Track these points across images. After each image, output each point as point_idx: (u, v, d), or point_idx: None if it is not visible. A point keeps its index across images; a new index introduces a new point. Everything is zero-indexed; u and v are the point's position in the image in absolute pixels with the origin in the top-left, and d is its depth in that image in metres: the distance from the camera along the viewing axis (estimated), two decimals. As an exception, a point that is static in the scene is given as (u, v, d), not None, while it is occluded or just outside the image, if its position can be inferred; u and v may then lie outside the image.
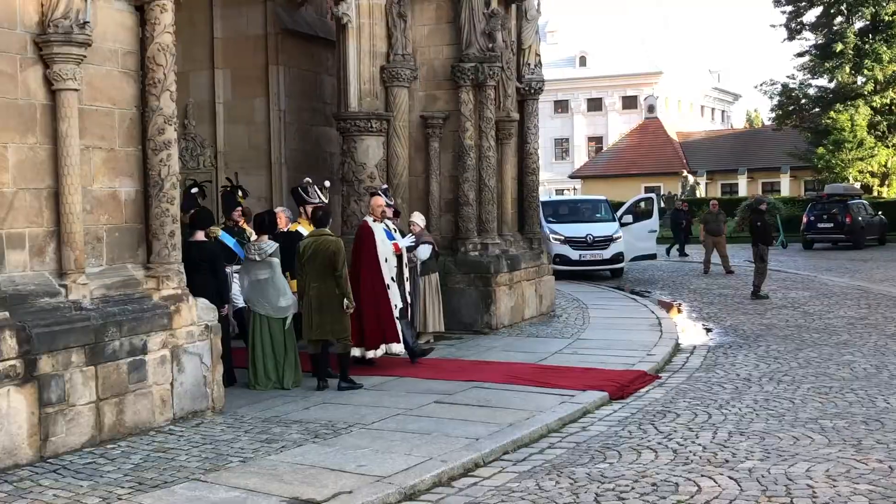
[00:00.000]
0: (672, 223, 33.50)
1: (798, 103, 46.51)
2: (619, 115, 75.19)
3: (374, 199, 12.02)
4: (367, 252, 11.42)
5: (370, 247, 11.41)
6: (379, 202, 11.87)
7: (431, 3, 14.81)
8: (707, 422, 8.66)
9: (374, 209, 11.84)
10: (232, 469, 7.17)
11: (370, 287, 11.29)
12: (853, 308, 16.79)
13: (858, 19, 44.47)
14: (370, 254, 11.39)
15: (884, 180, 44.40)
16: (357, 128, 14.11)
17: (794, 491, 6.43)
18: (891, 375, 10.57)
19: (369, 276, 11.32)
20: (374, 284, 11.32)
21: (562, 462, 7.50)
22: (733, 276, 23.76)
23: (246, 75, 15.46)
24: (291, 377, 10.39)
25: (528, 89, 16.52)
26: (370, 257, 11.37)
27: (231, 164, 15.59)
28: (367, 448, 7.70)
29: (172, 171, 8.81)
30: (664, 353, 12.50)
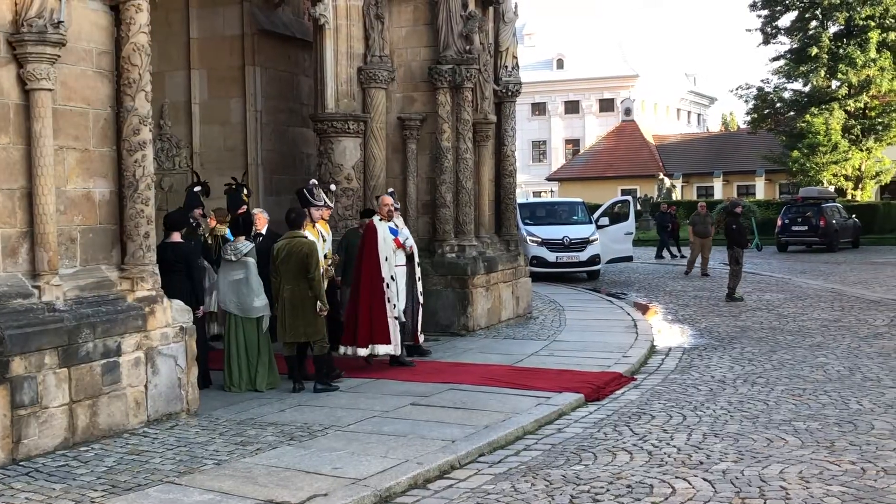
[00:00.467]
0: (657, 226, 33.62)
1: (773, 107, 46.81)
2: (595, 117, 75.50)
3: (382, 198, 12.06)
4: (368, 251, 11.43)
5: (371, 246, 11.42)
6: (387, 201, 11.87)
7: (409, 5, 14.80)
8: (682, 423, 8.70)
9: (380, 208, 11.84)
10: (206, 471, 7.13)
11: (368, 285, 11.30)
12: (827, 310, 16.92)
13: (833, 24, 44.82)
14: (371, 253, 11.39)
15: (857, 184, 44.78)
16: (334, 129, 14.09)
17: (768, 492, 6.47)
18: (864, 377, 10.66)
19: (368, 275, 11.33)
20: (372, 283, 11.31)
21: (537, 464, 7.51)
22: (708, 278, 23.88)
23: (222, 76, 15.41)
24: (265, 379, 10.34)
25: (506, 91, 16.55)
26: (371, 256, 11.38)
27: (207, 165, 15.53)
28: (343, 450, 7.68)
29: (147, 172, 8.76)
30: (640, 354, 12.55)
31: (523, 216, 23.40)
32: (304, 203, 11.30)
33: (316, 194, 11.40)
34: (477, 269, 14.68)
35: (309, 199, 11.25)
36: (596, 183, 57.60)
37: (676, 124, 79.49)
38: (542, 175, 69.19)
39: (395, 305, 11.43)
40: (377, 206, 12.11)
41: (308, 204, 11.23)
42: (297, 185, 15.75)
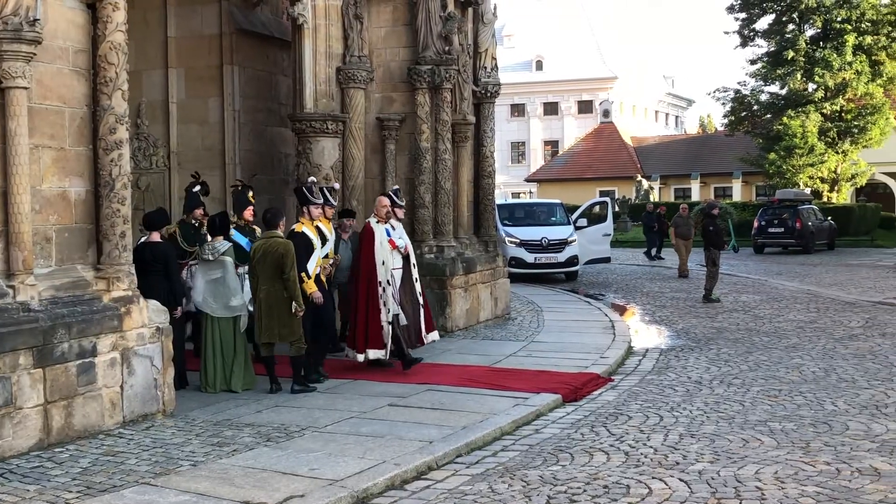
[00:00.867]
0: (644, 227, 33.74)
1: (750, 109, 47.07)
2: (574, 119, 75.69)
3: (378, 200, 11.89)
4: (364, 254, 11.39)
5: (368, 249, 11.36)
6: (384, 202, 11.73)
7: (388, 6, 14.79)
8: (658, 424, 8.74)
9: (377, 210, 11.71)
10: (182, 473, 7.10)
11: (364, 290, 11.25)
12: (802, 312, 17.04)
13: (810, 27, 45.15)
14: (367, 256, 11.34)
15: (833, 186, 45.11)
16: (313, 129, 14.05)
17: (743, 493, 6.51)
18: (839, 378, 10.74)
19: (365, 279, 11.28)
20: (369, 287, 11.26)
21: (515, 464, 7.52)
22: (686, 280, 23.99)
23: (200, 75, 15.33)
24: (241, 379, 10.28)
25: (485, 92, 16.56)
26: (367, 259, 11.33)
27: (184, 165, 15.44)
28: (320, 451, 7.66)
29: (124, 171, 8.71)
30: (617, 355, 12.60)
31: (502, 217, 23.44)
32: (302, 201, 11.13)
33: (315, 192, 11.21)
34: (455, 269, 14.69)
35: (308, 197, 11.05)
36: (574, 184, 57.77)
37: (654, 126, 79.86)
38: (521, 176, 69.31)
39: (390, 310, 11.31)
40: (374, 207, 11.91)
41: (307, 202, 11.03)
42: (275, 185, 15.77)
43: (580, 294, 20.95)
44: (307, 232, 10.84)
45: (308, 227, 10.93)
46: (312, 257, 10.73)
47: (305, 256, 10.64)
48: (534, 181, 63.44)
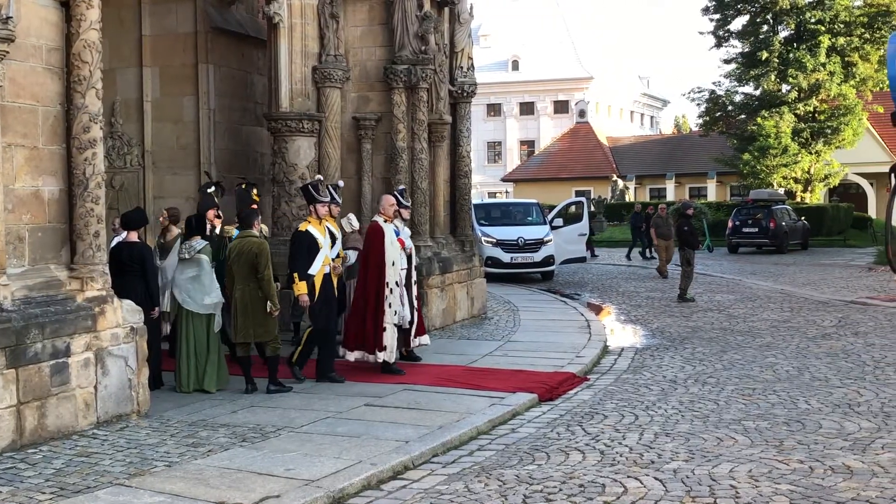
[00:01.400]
0: (631, 227, 33.85)
1: (725, 110, 47.34)
2: (550, 119, 75.87)
3: (385, 199, 11.74)
4: (374, 254, 11.20)
5: (378, 248, 11.19)
6: (391, 201, 11.59)
7: (364, 5, 14.77)
8: (634, 423, 8.78)
9: (384, 208, 11.54)
10: (157, 474, 7.06)
11: (373, 290, 11.10)
12: (776, 311, 17.17)
13: (784, 28, 45.47)
14: (377, 256, 11.16)
15: (807, 186, 45.45)
16: (288, 128, 14.02)
17: (718, 491, 6.55)
18: (812, 377, 10.82)
19: (373, 279, 11.11)
20: (378, 287, 11.10)
21: (491, 464, 7.53)
22: (662, 279, 24.09)
23: (175, 73, 15.25)
24: (213, 379, 10.22)
25: (461, 92, 16.57)
26: (377, 259, 11.15)
27: (159, 164, 15.38)
28: (296, 452, 7.64)
29: (97, 171, 8.65)
30: (593, 355, 12.64)
31: (478, 217, 23.47)
32: (309, 199, 10.98)
33: (321, 190, 11.05)
34: (432, 269, 14.70)
35: (314, 196, 10.89)
36: (550, 184, 57.92)
37: (630, 126, 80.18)
38: (498, 176, 69.40)
39: (397, 312, 11.20)
40: (380, 206, 11.69)
41: (313, 200, 10.88)
42: (250, 185, 15.66)
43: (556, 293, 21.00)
44: (312, 231, 10.69)
45: (315, 225, 10.76)
46: (318, 256, 10.60)
47: (308, 256, 10.53)
48: (510, 181, 63.56)
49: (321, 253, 10.64)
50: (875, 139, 48.92)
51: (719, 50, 47.86)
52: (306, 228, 10.75)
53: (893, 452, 7.39)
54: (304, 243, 10.61)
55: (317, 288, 10.65)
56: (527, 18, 77.60)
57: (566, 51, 75.83)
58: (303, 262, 10.54)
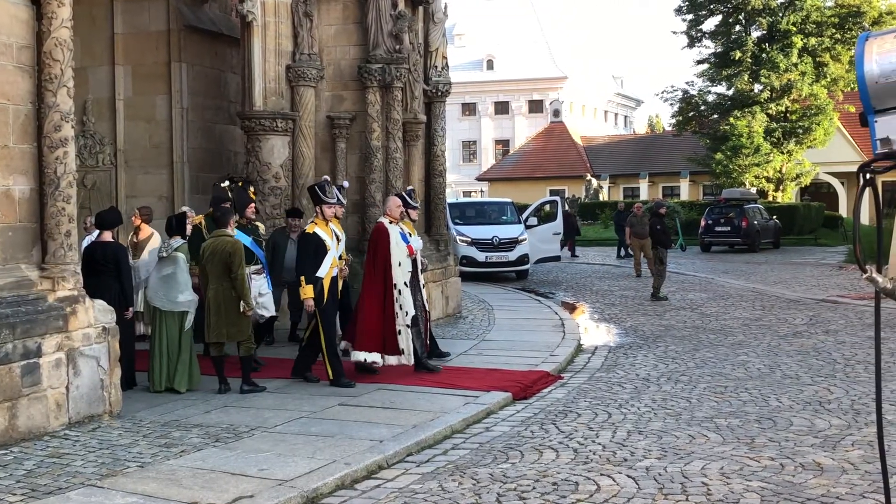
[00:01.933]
0: (615, 226, 33.99)
1: (697, 110, 47.64)
2: (525, 118, 76.05)
3: (391, 200, 11.54)
4: (380, 255, 11.03)
5: (384, 249, 11.02)
6: (397, 203, 11.41)
7: (338, 4, 14.75)
8: (607, 421, 8.82)
9: (391, 210, 11.35)
10: (129, 474, 7.02)
11: (379, 291, 10.94)
12: (748, 309, 17.30)
13: (756, 29, 45.81)
14: (383, 257, 11.00)
15: (778, 185, 45.83)
16: (262, 127, 13.98)
17: (690, 488, 6.60)
18: (783, 375, 10.92)
19: (379, 280, 10.96)
20: (385, 289, 10.96)
21: (465, 463, 7.55)
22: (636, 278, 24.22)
23: (147, 72, 15.17)
24: (184, 378, 10.15)
25: (436, 91, 16.59)
26: (383, 260, 11.00)
27: (131, 163, 15.30)
28: (270, 452, 7.62)
29: (69, 170, 8.59)
30: (566, 353, 12.69)
31: (453, 216, 23.49)
32: (316, 200, 10.77)
33: (328, 191, 10.82)
34: (406, 268, 14.67)
35: (321, 197, 10.67)
36: (525, 183, 58.08)
37: (604, 126, 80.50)
38: (472, 175, 69.49)
39: (408, 313, 11.07)
40: (386, 208, 11.52)
41: (320, 201, 10.66)
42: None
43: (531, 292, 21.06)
44: (320, 232, 10.51)
45: (321, 227, 10.58)
46: (326, 258, 10.43)
47: (315, 258, 10.37)
48: (485, 180, 63.66)
49: (329, 255, 10.46)
50: (846, 139, 49.42)
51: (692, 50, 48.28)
52: (314, 230, 10.53)
53: (863, 449, 7.47)
54: (312, 245, 10.43)
55: (326, 290, 10.47)
56: (501, 18, 77.74)
57: (540, 50, 76.04)
58: (310, 264, 10.35)
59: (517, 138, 73.47)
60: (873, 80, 3.62)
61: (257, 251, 11.40)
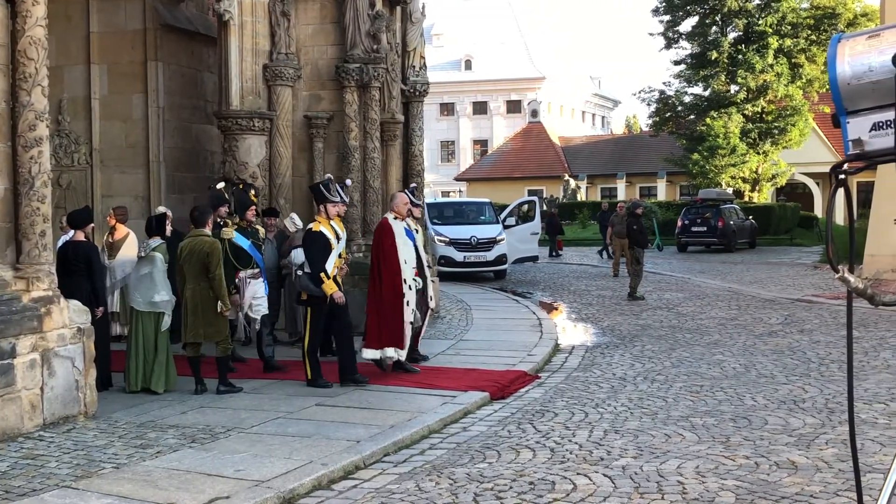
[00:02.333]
0: (599, 226, 34.07)
1: (674, 110, 47.86)
2: (503, 118, 76.15)
3: (399, 197, 11.51)
4: (386, 251, 11.00)
5: (390, 246, 11.00)
6: (405, 200, 11.41)
7: (316, 3, 14.72)
8: (584, 420, 8.85)
9: (398, 207, 11.33)
10: (105, 476, 6.98)
11: (391, 287, 10.91)
12: (724, 309, 17.40)
13: (732, 30, 46.08)
14: (390, 253, 10.98)
15: (754, 186, 46.11)
16: (239, 126, 13.93)
17: (665, 487, 6.63)
18: (758, 374, 10.99)
19: (389, 277, 10.93)
20: (395, 285, 10.94)
21: (442, 463, 7.55)
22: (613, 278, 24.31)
23: (123, 71, 15.09)
24: (160, 379, 10.11)
25: (413, 91, 16.58)
26: (390, 257, 10.98)
27: (107, 162, 15.20)
28: (246, 452, 7.59)
29: (44, 169, 8.53)
30: (544, 353, 12.72)
31: (431, 216, 23.51)
32: (319, 199, 10.72)
33: (332, 189, 10.77)
34: (383, 268, 14.66)
35: (325, 195, 10.61)
36: (503, 183, 58.17)
37: (581, 126, 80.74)
38: (451, 175, 69.52)
39: (414, 310, 11.08)
40: (393, 204, 11.49)
41: (323, 199, 10.62)
42: (200, 183, 15.58)
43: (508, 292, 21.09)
44: (325, 231, 10.49)
45: (325, 225, 10.55)
46: (331, 256, 10.41)
47: (323, 256, 10.33)
48: (463, 180, 63.71)
49: (333, 253, 10.45)
50: (821, 139, 49.79)
51: (669, 51, 48.45)
52: (319, 228, 10.48)
53: (837, 448, 7.53)
54: (320, 243, 10.37)
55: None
56: (479, 18, 77.81)
57: (518, 51, 76.17)
58: (322, 261, 10.27)
59: (495, 138, 73.55)
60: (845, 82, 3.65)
61: (255, 255, 11.27)
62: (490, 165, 62.91)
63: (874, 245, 20.30)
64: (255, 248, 11.26)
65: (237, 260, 11.09)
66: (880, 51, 3.55)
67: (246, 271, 11.06)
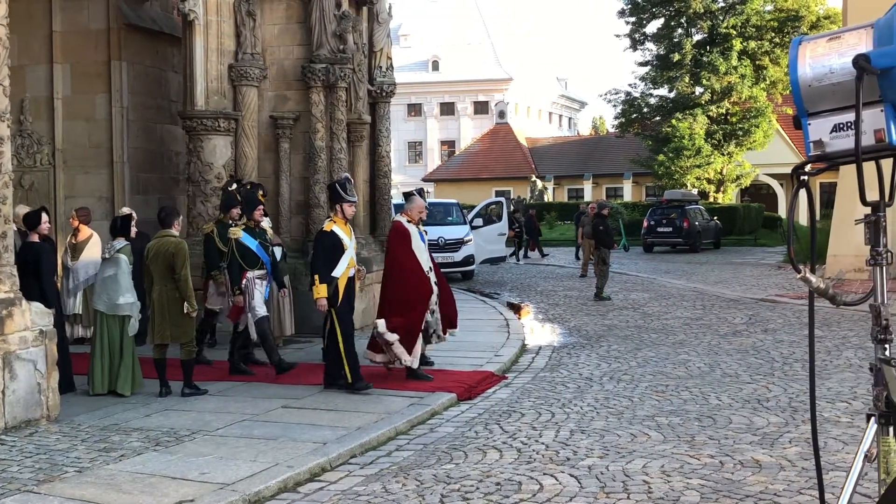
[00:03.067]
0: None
1: (640, 112, 48.20)
2: (470, 119, 76.28)
3: (416, 200, 11.26)
4: (401, 254, 10.80)
5: (406, 248, 10.79)
6: (421, 205, 11.21)
7: (282, 3, 14.64)
8: (550, 421, 8.87)
9: (412, 210, 11.12)
10: (67, 479, 6.90)
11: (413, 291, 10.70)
12: (689, 309, 17.53)
13: (697, 32, 46.49)
14: (407, 255, 10.77)
15: (719, 186, 46.53)
16: (204, 127, 13.83)
17: (631, 487, 6.66)
18: (723, 374, 11.07)
19: (411, 280, 10.73)
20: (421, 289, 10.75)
21: (409, 464, 7.54)
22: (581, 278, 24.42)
23: (87, 71, 14.95)
24: (127, 382, 10.01)
25: (380, 92, 16.54)
26: (407, 259, 10.76)
27: (70, 163, 15.05)
28: (211, 455, 7.54)
29: (5, 170, 8.43)
30: (511, 353, 12.75)
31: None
32: (335, 199, 10.43)
33: (349, 189, 10.48)
34: (350, 269, 14.61)
35: (341, 195, 10.30)
36: (470, 184, 58.29)
37: (548, 127, 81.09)
38: (419, 176, 69.45)
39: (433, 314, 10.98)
40: (408, 208, 11.24)
41: (340, 199, 10.30)
42: (165, 184, 15.47)
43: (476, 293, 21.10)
44: (339, 231, 10.19)
45: (340, 226, 10.26)
46: (343, 258, 10.13)
47: (332, 257, 10.07)
48: (431, 181, 63.69)
49: (346, 255, 10.18)
50: (785, 141, 50.35)
51: (635, 52, 48.76)
52: (331, 228, 10.20)
53: (800, 446, 7.60)
54: (328, 244, 10.12)
55: (341, 290, 10.18)
56: (446, 19, 77.90)
57: (486, 52, 76.34)
58: (325, 263, 10.03)
59: (463, 139, 73.66)
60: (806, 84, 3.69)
61: (262, 255, 11.09)
62: (458, 166, 63.00)
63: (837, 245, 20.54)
64: (262, 248, 11.09)
65: (244, 260, 10.91)
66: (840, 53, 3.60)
67: (253, 272, 10.92)
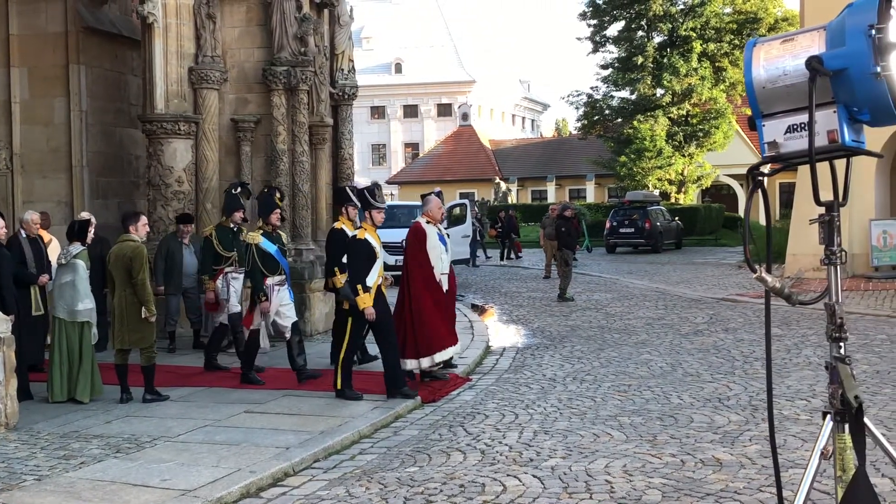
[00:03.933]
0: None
1: (602, 114, 48.49)
2: (434, 122, 76.37)
3: (435, 202, 11.07)
4: (419, 255, 10.74)
5: (423, 249, 10.72)
6: (438, 204, 11.06)
7: (242, 6, 14.58)
8: (514, 422, 8.89)
9: (432, 212, 10.97)
10: (26, 488, 6.81)
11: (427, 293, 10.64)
12: (651, 309, 17.65)
13: (658, 34, 46.86)
14: (424, 257, 10.71)
15: (680, 187, 46.93)
16: (164, 130, 13.73)
17: (594, 487, 6.69)
18: (685, 373, 11.16)
19: (428, 282, 10.67)
20: (433, 291, 10.70)
21: (372, 468, 7.52)
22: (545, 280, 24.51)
23: (44, 74, 14.80)
24: (86, 389, 9.90)
25: (342, 94, 16.51)
26: (425, 260, 10.71)
27: (28, 167, 14.86)
28: (173, 461, 7.47)
29: (-40, 175, 8.30)
30: (475, 355, 12.77)
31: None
32: (365, 205, 10.16)
33: (378, 195, 10.17)
34: (314, 273, 14.57)
35: (371, 202, 10.08)
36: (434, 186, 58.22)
37: (512, 129, 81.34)
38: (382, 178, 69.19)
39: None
40: (426, 209, 11.11)
41: (369, 206, 10.07)
42: (125, 188, 15.34)
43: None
44: (370, 240, 9.92)
45: (371, 233, 10.00)
46: (374, 267, 9.89)
47: (367, 266, 9.82)
48: (395, 183, 63.67)
49: (377, 263, 9.97)
50: (744, 142, 50.88)
51: (596, 55, 49.06)
52: (364, 237, 9.92)
53: (760, 444, 7.67)
54: (364, 253, 9.83)
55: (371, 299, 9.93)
56: (409, 21, 77.92)
57: (448, 54, 76.47)
58: (364, 272, 9.77)
59: (426, 141, 73.70)
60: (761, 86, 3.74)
61: (282, 260, 10.89)
62: (421, 168, 63.01)
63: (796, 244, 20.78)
64: (280, 253, 10.93)
65: (264, 265, 10.68)
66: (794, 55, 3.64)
67: (273, 277, 10.75)
